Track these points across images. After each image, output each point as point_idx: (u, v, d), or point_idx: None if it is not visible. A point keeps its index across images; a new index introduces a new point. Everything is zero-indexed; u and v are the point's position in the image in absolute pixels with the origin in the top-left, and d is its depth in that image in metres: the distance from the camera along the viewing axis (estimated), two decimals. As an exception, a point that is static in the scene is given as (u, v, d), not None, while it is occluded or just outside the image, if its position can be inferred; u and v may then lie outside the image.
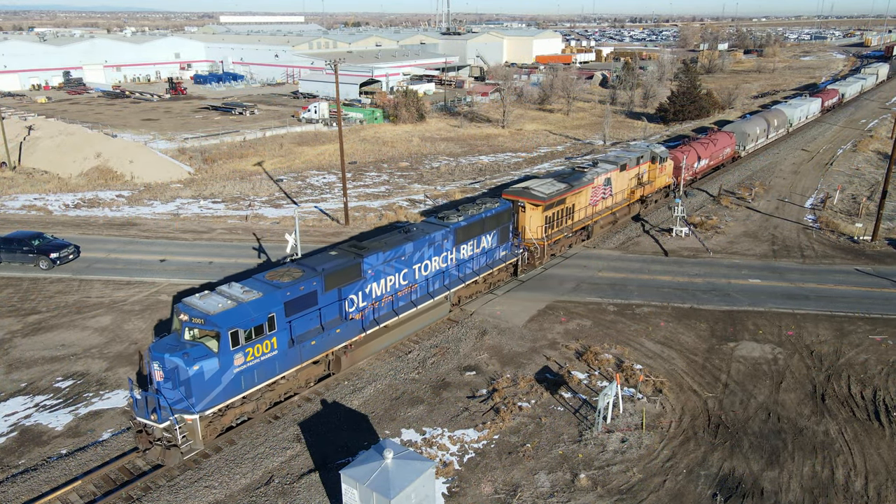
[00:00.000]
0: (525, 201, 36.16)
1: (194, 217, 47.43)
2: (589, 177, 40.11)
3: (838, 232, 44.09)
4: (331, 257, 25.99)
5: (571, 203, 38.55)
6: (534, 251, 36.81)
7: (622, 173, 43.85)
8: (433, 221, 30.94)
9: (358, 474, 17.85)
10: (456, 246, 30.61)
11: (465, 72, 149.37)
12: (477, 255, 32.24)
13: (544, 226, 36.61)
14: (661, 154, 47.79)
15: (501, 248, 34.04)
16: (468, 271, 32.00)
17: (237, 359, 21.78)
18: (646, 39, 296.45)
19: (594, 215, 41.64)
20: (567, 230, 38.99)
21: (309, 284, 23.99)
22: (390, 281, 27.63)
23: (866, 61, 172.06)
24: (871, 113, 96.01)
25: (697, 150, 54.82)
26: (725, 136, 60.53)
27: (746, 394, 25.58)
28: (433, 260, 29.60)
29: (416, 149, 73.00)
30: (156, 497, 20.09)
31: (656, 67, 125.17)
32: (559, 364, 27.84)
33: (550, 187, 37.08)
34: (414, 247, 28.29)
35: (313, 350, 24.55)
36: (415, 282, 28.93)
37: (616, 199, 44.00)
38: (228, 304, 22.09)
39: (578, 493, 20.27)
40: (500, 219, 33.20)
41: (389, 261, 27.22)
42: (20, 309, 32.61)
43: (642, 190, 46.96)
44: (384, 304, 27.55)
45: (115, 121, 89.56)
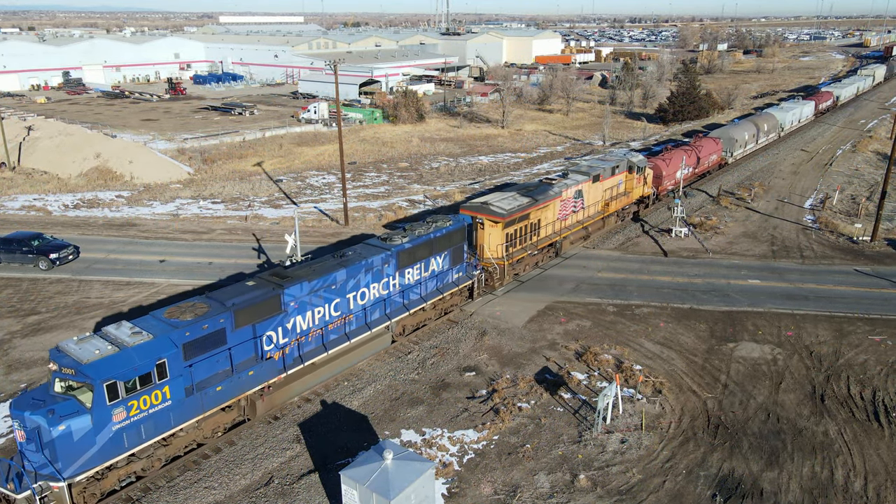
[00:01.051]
0: (483, 217, 33.49)
1: (194, 217, 47.43)
2: (556, 190, 37.44)
3: (837, 232, 44.13)
4: (246, 289, 23.11)
5: (536, 218, 35.86)
6: (493, 272, 34.02)
7: (595, 185, 40.98)
8: (374, 244, 28.18)
9: (358, 475, 17.86)
10: (399, 270, 27.93)
11: (465, 72, 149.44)
12: (425, 280, 29.59)
13: (505, 244, 33.92)
14: (638, 163, 44.94)
15: (455, 271, 31.38)
16: (414, 297, 29.29)
17: (117, 414, 18.94)
18: (645, 40, 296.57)
19: (563, 230, 38.84)
20: (531, 248, 36.18)
21: (215, 322, 21.13)
22: (319, 313, 24.84)
23: (865, 62, 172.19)
24: (870, 113, 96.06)
25: (680, 157, 51.60)
26: (711, 143, 57.53)
27: (746, 394, 25.60)
28: (372, 287, 26.89)
29: (415, 149, 73.02)
30: (155, 498, 20.09)
31: (656, 68, 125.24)
32: (559, 364, 27.86)
33: (512, 202, 34.40)
34: (347, 273, 25.55)
35: (219, 396, 21.72)
36: (349, 312, 26.17)
37: (589, 213, 41.23)
38: (108, 349, 19.33)
39: (578, 494, 20.28)
40: (451, 238, 30.45)
41: (317, 290, 24.45)
42: (20, 309, 32.61)
43: (618, 202, 44.19)
44: (311, 339, 24.85)
45: (114, 121, 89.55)
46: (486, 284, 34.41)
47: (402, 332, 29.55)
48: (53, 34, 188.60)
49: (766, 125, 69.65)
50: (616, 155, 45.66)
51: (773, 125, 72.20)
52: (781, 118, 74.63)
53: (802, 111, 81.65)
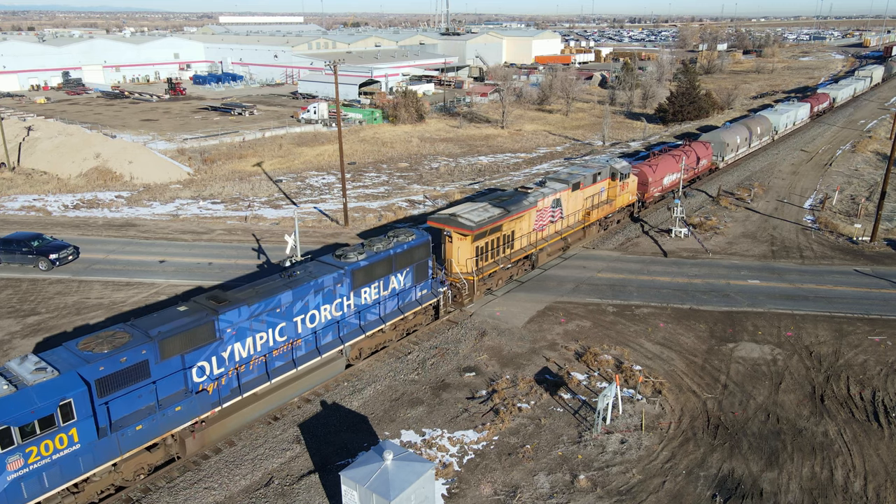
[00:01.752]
0: (452, 230, 31.75)
1: (193, 218, 47.43)
2: (532, 199, 35.68)
3: (837, 233, 44.14)
4: (175, 315, 21.21)
5: (510, 230, 34.20)
6: (461, 288, 32.22)
7: (575, 193, 39.35)
8: (327, 261, 26.24)
9: (358, 476, 17.87)
10: (354, 290, 26.06)
11: (465, 72, 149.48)
12: (385, 299, 27.76)
13: (475, 258, 32.14)
14: (621, 170, 43.24)
15: (419, 288, 29.49)
16: (372, 318, 27.42)
17: (12, 462, 17.19)
18: (645, 40, 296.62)
19: (539, 242, 37.05)
20: (504, 261, 34.39)
21: (135, 354, 19.33)
22: (261, 339, 23.00)
23: (864, 62, 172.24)
24: (869, 113, 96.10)
25: (667, 163, 50.23)
26: (701, 147, 55.76)
27: (745, 395, 25.61)
28: (323, 309, 25.04)
29: (415, 149, 73.04)
30: (155, 499, 20.10)
31: (655, 68, 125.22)
32: (559, 365, 27.87)
33: (482, 213, 32.53)
34: (294, 295, 23.68)
35: (140, 436, 19.80)
36: (297, 336, 24.35)
37: (568, 222, 39.52)
38: (4, 390, 17.54)
39: (578, 494, 20.29)
40: (414, 254, 28.61)
41: (258, 315, 22.61)
42: (19, 310, 32.60)
43: (600, 211, 42.37)
44: (253, 367, 23.02)
45: (114, 121, 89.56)
46: (454, 301, 32.74)
47: (358, 356, 27.79)
48: (53, 34, 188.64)
49: (759, 128, 67.85)
50: (598, 161, 43.86)
51: (767, 128, 70.45)
52: (775, 121, 72.87)
53: (797, 114, 79.72)
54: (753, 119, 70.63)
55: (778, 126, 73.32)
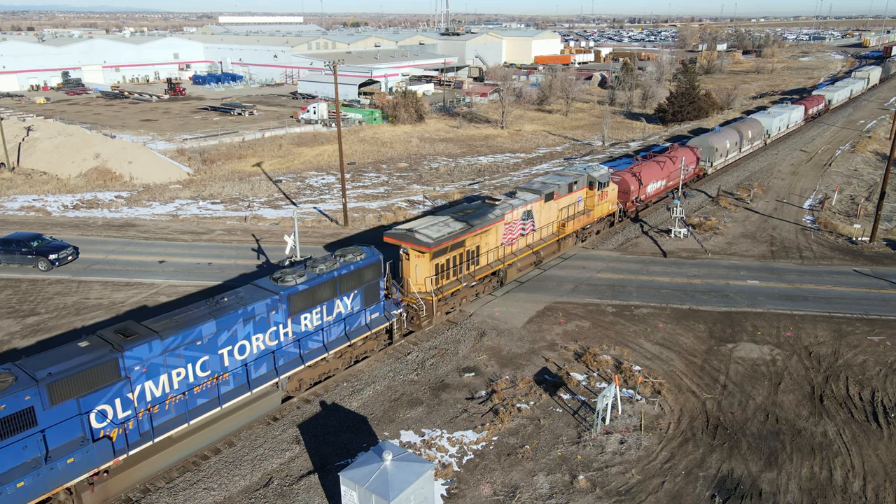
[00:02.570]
0: (408, 247, 29.89)
1: (193, 218, 47.44)
2: (498, 212, 33.66)
3: (836, 233, 44.16)
4: (72, 353, 18.96)
5: (474, 245, 32.21)
6: (419, 309, 30.12)
7: (548, 204, 37.35)
8: (262, 285, 24.03)
9: (357, 476, 17.88)
10: (292, 316, 23.97)
11: (464, 72, 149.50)
12: (329, 325, 25.64)
13: (434, 276, 30.18)
14: (600, 178, 40.89)
15: (369, 311, 27.32)
16: (314, 346, 25.31)
17: None
18: (644, 40, 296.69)
19: (508, 257, 35.01)
20: (468, 279, 32.36)
21: (17, 400, 17.04)
22: (178, 375, 20.69)
23: (864, 62, 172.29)
24: (869, 114, 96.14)
25: (651, 169, 48.14)
26: (687, 152, 53.60)
27: (745, 395, 25.63)
28: (255, 339, 22.90)
29: (414, 149, 73.06)
30: (155, 499, 20.11)
31: (655, 68, 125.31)
32: (558, 365, 27.88)
33: (442, 228, 30.57)
34: (218, 325, 21.49)
35: (19, 496, 17.40)
36: (223, 370, 22.11)
37: (541, 235, 37.47)
38: None
39: (577, 495, 20.31)
40: (363, 275, 26.46)
41: (174, 349, 20.35)
42: (19, 310, 32.61)
43: (576, 222, 40.16)
44: (170, 407, 20.67)
45: (113, 121, 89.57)
46: (411, 323, 30.60)
47: (298, 388, 25.61)
48: (53, 34, 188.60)
49: (749, 132, 65.38)
50: (575, 169, 41.33)
51: (758, 132, 68.01)
52: (767, 124, 70.46)
53: (791, 116, 77.33)
54: (744, 122, 68.28)
55: (770, 129, 71.21)
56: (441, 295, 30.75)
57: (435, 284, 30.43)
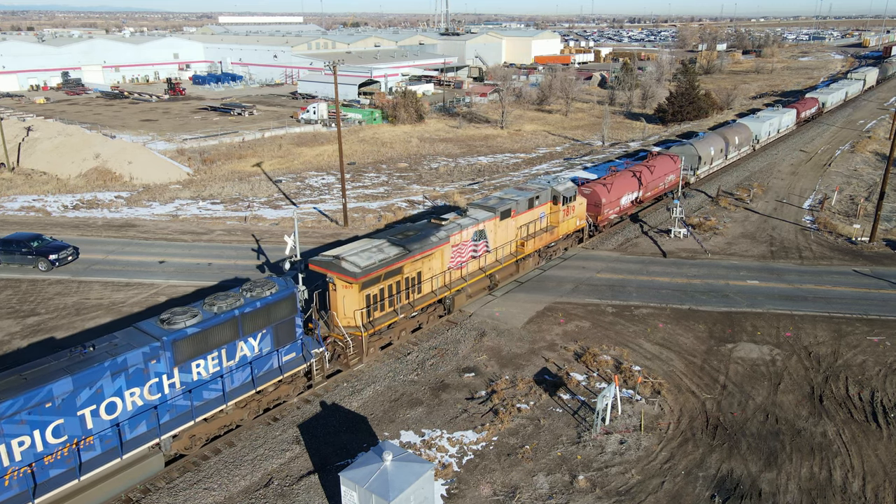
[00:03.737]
0: (334, 276, 26.97)
1: (193, 218, 47.46)
2: (443, 234, 30.72)
3: (836, 233, 44.19)
4: None
5: (414, 271, 29.36)
6: (345, 346, 27.05)
7: (504, 222, 34.32)
8: (145, 329, 20.85)
9: (357, 476, 17.91)
10: (180, 365, 20.71)
11: (464, 72, 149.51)
12: (231, 371, 22.38)
13: (365, 308, 27.23)
14: (564, 192, 38.02)
15: (283, 352, 24.15)
16: (211, 397, 21.95)
17: None
18: (644, 40, 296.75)
19: (456, 282, 32.00)
20: (407, 309, 29.36)
21: None
22: (21, 445, 17.57)
23: (864, 62, 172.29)
24: (869, 114, 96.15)
25: (626, 181, 45.16)
26: (668, 161, 50.75)
27: (744, 395, 25.65)
28: (129, 394, 19.62)
29: (414, 149, 73.08)
30: (155, 500, 20.13)
31: (655, 68, 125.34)
32: (558, 365, 27.91)
33: (374, 255, 27.82)
34: (76, 382, 18.22)
35: None
36: (86, 434, 18.85)
37: (497, 256, 34.48)
38: None
39: (577, 495, 20.33)
40: (273, 312, 23.24)
41: (13, 415, 17.17)
42: (19, 311, 32.63)
43: (538, 240, 37.19)
44: (11, 483, 17.48)
45: (113, 121, 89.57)
46: (337, 360, 27.53)
47: (191, 446, 22.24)
48: (52, 34, 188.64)
49: (737, 138, 62.38)
50: (538, 183, 38.56)
51: (746, 137, 64.90)
52: (756, 129, 67.16)
53: (781, 121, 74.07)
54: (731, 128, 64.99)
55: (759, 135, 67.94)
56: (373, 329, 27.61)
57: (365, 318, 27.32)
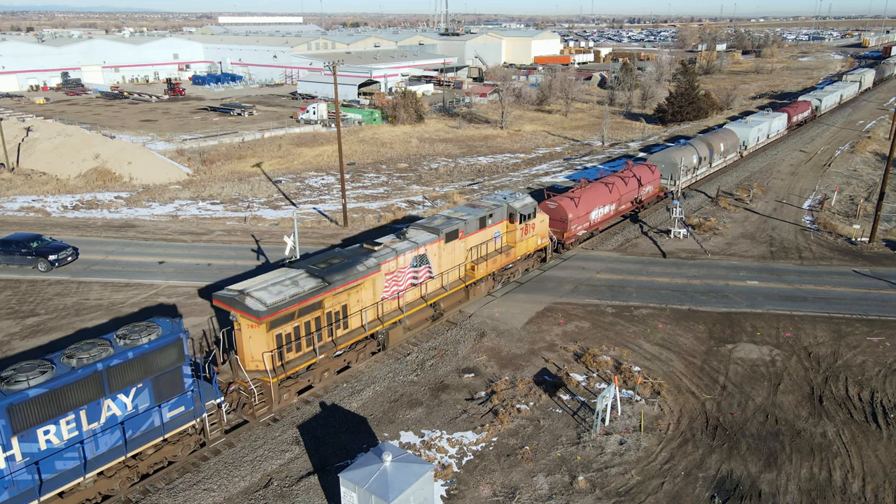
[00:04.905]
0: (238, 314, 23.53)
1: (193, 218, 47.45)
2: (373, 262, 27.21)
3: (836, 233, 44.19)
4: None
5: (338, 305, 25.91)
6: (250, 394, 23.76)
7: (451, 244, 31.08)
8: None
9: (357, 477, 17.90)
10: (22, 433, 17.38)
11: (464, 72, 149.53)
12: (95, 435, 18.93)
13: (276, 350, 23.82)
14: (522, 210, 34.67)
15: (167, 408, 20.51)
16: (66, 468, 18.49)
17: None
18: (644, 40, 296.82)
19: (392, 314, 28.57)
20: (329, 348, 25.91)
21: None
22: None
23: (863, 62, 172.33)
24: (868, 114, 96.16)
25: (597, 193, 42.00)
26: (645, 170, 47.73)
27: (744, 396, 25.65)
28: None
29: (414, 150, 73.07)
30: (154, 500, 20.12)
31: (655, 68, 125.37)
32: (558, 366, 27.90)
33: (285, 289, 24.19)
34: None
35: None
36: None
37: (442, 282, 31.15)
38: None
39: (577, 496, 20.32)
40: (153, 362, 19.79)
41: None
42: (18, 311, 32.62)
43: (492, 262, 33.69)
44: None
45: (113, 122, 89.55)
46: (242, 410, 24.15)
47: None
48: (52, 35, 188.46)
49: (722, 144, 58.93)
50: (493, 199, 35.16)
51: (733, 144, 61.51)
52: (743, 135, 63.93)
53: (771, 125, 70.68)
54: (716, 134, 61.48)
55: (747, 140, 64.50)
56: (285, 374, 24.22)
57: (276, 361, 23.98)
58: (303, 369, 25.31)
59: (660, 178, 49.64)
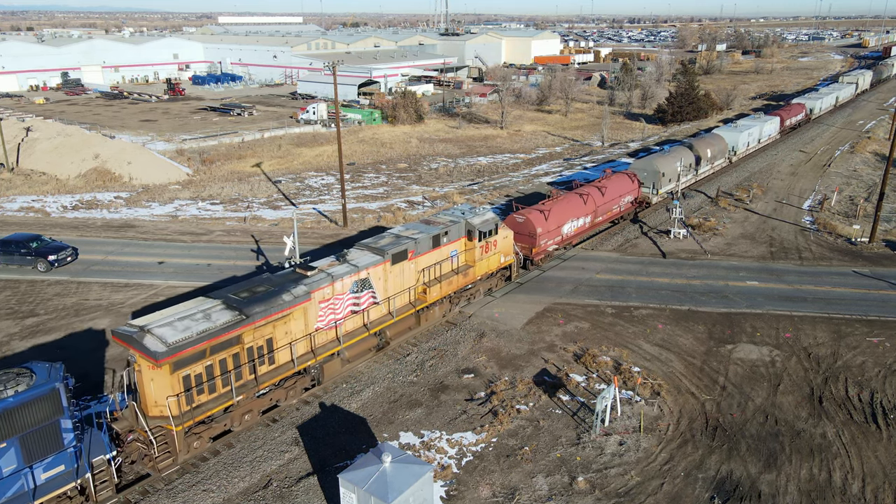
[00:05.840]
0: (136, 354, 20.79)
1: (192, 219, 47.43)
2: (302, 290, 24.38)
3: (836, 234, 44.18)
4: None
5: (261, 339, 23.08)
6: (149, 445, 20.95)
7: (399, 266, 28.39)
8: None
9: (356, 478, 17.89)
10: None
11: (464, 72, 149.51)
12: None
13: (183, 393, 21.00)
14: (481, 226, 31.80)
15: (41, 468, 18.07)
16: None
17: None
18: (644, 40, 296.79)
19: (328, 345, 25.82)
20: (250, 387, 23.00)
21: None
22: None
23: (863, 62, 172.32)
24: (868, 114, 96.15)
25: (570, 205, 39.43)
26: (624, 180, 45.06)
27: (744, 396, 25.64)
28: None
29: (414, 150, 73.06)
30: (154, 501, 20.11)
31: (654, 68, 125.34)
32: (557, 366, 27.89)
33: (193, 325, 21.50)
34: None
35: None
36: None
37: (388, 308, 28.33)
38: None
39: (576, 496, 20.31)
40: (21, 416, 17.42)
41: None
42: (18, 311, 32.61)
43: (447, 284, 30.83)
44: None
45: (113, 122, 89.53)
46: (143, 462, 21.46)
47: None
48: (52, 35, 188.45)
49: (709, 151, 55.87)
50: (451, 214, 32.40)
51: (721, 149, 58.59)
52: (732, 140, 61.10)
53: (763, 130, 67.72)
54: (703, 140, 58.05)
55: (736, 146, 61.71)
56: (193, 420, 21.36)
57: (183, 405, 21.13)
58: (219, 412, 22.56)
59: (640, 187, 46.88)
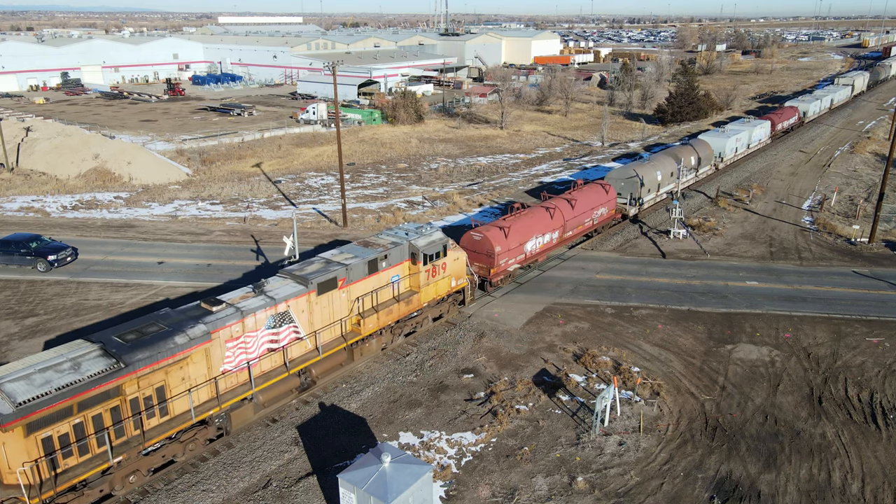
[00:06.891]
0: None
1: (192, 219, 47.43)
2: (200, 331, 21.13)
3: (835, 234, 44.18)
4: None
5: (148, 388, 20.09)
6: None
7: (327, 296, 25.36)
8: None
9: (356, 478, 17.89)
10: None
11: (464, 73, 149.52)
12: None
13: (44, 458, 18.11)
14: (426, 249, 28.82)
15: None
16: None
17: None
18: (644, 40, 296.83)
19: (238, 390, 22.82)
20: (135, 444, 19.97)
21: None
22: None
23: (863, 62, 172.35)
24: (868, 114, 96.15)
25: (534, 219, 36.51)
26: (598, 191, 42.00)
27: (744, 396, 25.64)
28: None
29: (414, 150, 73.06)
30: (153, 501, 20.10)
31: (654, 68, 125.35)
32: (557, 367, 27.89)
33: (59, 376, 18.40)
34: None
35: None
36: None
37: (315, 343, 25.36)
38: None
39: (576, 497, 20.31)
40: None
41: None
42: (18, 312, 32.60)
43: (387, 314, 27.80)
44: None
45: (113, 122, 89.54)
46: None
47: None
48: (52, 35, 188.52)
49: (692, 158, 53.03)
50: (394, 235, 29.48)
51: (707, 156, 55.91)
52: (719, 146, 58.56)
53: (752, 134, 65.22)
54: (686, 146, 55.00)
55: (723, 152, 59.14)
56: (55, 490, 18.23)
57: (45, 472, 18.17)
58: (95, 475, 19.32)
59: (616, 198, 44.00)
